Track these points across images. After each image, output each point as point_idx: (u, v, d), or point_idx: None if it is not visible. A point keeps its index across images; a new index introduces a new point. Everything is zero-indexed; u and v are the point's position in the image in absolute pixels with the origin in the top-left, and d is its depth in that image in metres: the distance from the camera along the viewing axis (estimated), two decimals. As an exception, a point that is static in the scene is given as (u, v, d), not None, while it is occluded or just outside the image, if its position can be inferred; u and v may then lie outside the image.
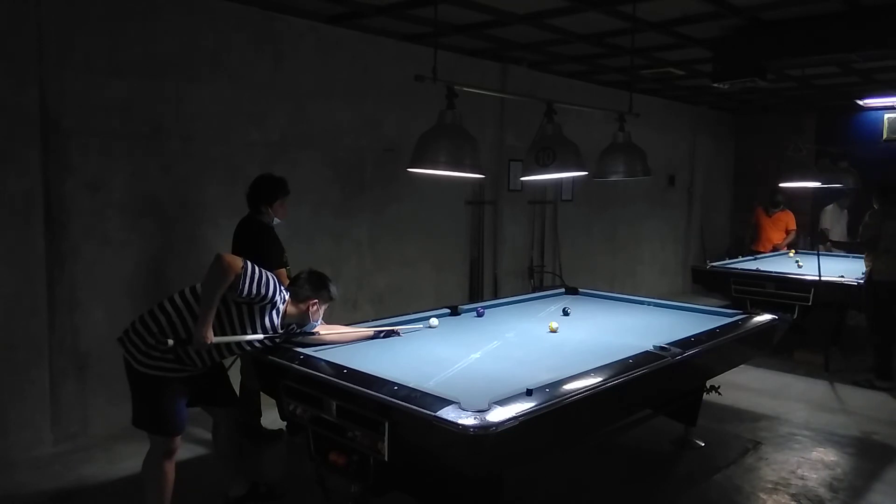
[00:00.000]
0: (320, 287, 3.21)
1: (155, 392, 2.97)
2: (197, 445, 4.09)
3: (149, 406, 3.01)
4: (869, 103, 8.65)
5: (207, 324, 2.87)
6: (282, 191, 3.99)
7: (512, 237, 7.13)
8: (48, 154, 4.01)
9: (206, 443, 4.01)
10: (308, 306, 3.17)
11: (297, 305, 3.16)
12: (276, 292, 3.01)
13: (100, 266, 4.30)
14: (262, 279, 2.94)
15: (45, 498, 3.54)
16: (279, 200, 3.98)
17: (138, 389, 3.01)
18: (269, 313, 3.05)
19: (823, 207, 8.39)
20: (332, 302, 3.29)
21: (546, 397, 2.50)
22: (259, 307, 3.01)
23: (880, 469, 4.00)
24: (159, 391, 2.97)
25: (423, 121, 3.46)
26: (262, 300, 2.97)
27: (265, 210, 3.95)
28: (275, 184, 3.97)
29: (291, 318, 3.18)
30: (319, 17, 5.22)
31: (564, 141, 3.64)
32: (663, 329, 3.81)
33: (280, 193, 3.98)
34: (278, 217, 4.02)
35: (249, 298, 2.94)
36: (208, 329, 2.87)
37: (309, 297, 3.17)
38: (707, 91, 8.31)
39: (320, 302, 3.21)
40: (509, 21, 5.25)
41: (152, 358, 2.93)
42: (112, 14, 4.23)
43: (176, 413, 3.03)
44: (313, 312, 3.20)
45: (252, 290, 2.91)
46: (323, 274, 3.28)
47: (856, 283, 5.78)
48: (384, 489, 2.81)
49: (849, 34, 4.91)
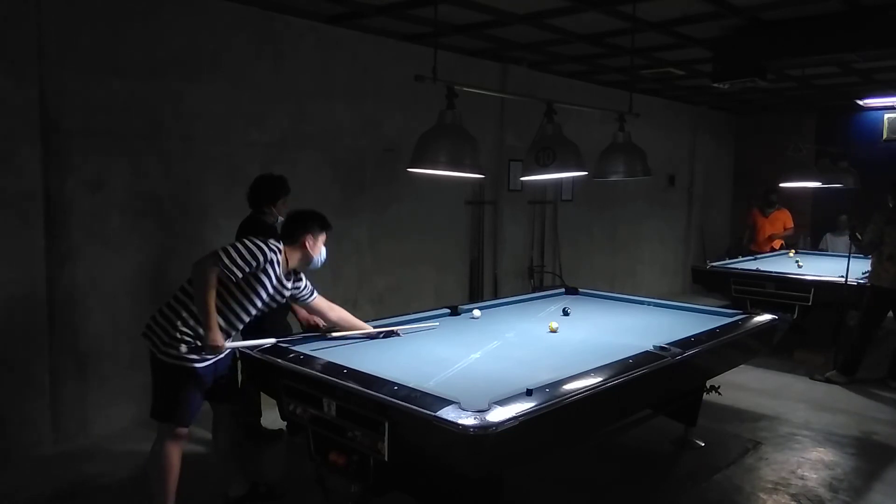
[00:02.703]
0: (307, 220, 3.24)
1: (174, 382, 3.04)
2: (197, 445, 4.09)
3: (166, 395, 3.08)
4: (869, 103, 8.65)
5: (213, 329, 2.92)
6: (283, 190, 4.01)
7: (512, 237, 7.13)
8: (48, 154, 4.01)
9: (206, 442, 4.01)
10: (303, 244, 3.19)
11: (294, 248, 3.20)
12: (265, 252, 3.03)
13: (100, 266, 4.30)
14: (243, 253, 2.99)
15: (45, 498, 3.54)
16: (281, 199, 4.00)
17: (159, 379, 3.09)
18: (268, 273, 3.07)
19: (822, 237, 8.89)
20: (329, 230, 3.30)
21: (546, 397, 2.50)
22: (255, 275, 3.04)
23: (880, 469, 4.00)
24: (179, 381, 3.04)
25: (423, 121, 3.46)
26: (258, 268, 3.02)
27: (268, 210, 3.96)
28: (276, 183, 3.99)
29: (295, 263, 3.21)
30: (319, 17, 5.22)
31: (564, 141, 3.64)
32: (663, 329, 3.81)
33: (281, 192, 4.00)
34: (281, 216, 3.99)
35: (247, 274, 3.00)
36: (216, 334, 2.93)
37: (302, 233, 3.19)
38: (707, 91, 8.31)
39: (314, 234, 3.23)
40: (509, 21, 5.25)
41: (174, 348, 3.00)
42: (112, 14, 4.23)
43: (190, 404, 3.08)
44: (311, 247, 3.21)
45: (243, 267, 2.97)
46: (307, 209, 3.30)
47: (856, 283, 5.79)
48: (384, 489, 2.81)
49: (849, 34, 4.91)
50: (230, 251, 2.97)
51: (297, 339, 3.41)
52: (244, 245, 3.03)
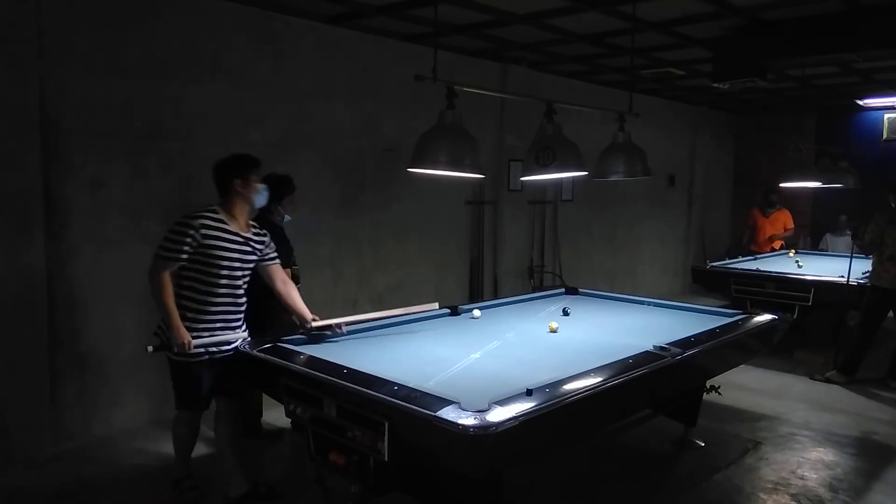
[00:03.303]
0: (229, 166, 3.29)
1: (181, 374, 3.28)
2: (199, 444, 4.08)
3: (176, 385, 3.33)
4: (869, 103, 8.65)
5: (176, 328, 3.10)
6: (288, 188, 4.03)
7: (512, 237, 7.13)
8: (48, 154, 4.01)
9: (208, 441, 4.01)
10: (235, 190, 3.25)
11: (231, 199, 3.27)
12: (189, 222, 3.10)
13: (100, 266, 4.30)
14: (171, 237, 3.10)
15: (45, 498, 3.54)
16: (287, 198, 4.02)
17: (171, 372, 3.31)
18: (215, 238, 3.14)
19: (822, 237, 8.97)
20: (256, 167, 3.32)
21: (546, 397, 2.50)
22: (203, 250, 3.12)
23: (880, 469, 4.00)
24: (184, 374, 3.26)
25: (423, 121, 3.46)
26: (195, 240, 3.09)
27: (275, 209, 3.97)
28: (281, 182, 3.99)
29: (242, 212, 3.29)
30: (319, 17, 5.22)
31: (564, 141, 3.64)
32: (663, 329, 3.81)
33: (287, 191, 4.02)
34: (287, 214, 4.06)
35: (193, 251, 3.10)
36: (180, 331, 3.09)
37: (227, 180, 3.26)
38: (707, 91, 8.31)
39: (241, 176, 3.26)
40: (509, 21, 5.25)
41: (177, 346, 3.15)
42: (112, 14, 4.23)
43: (198, 392, 3.30)
44: (244, 189, 3.26)
45: (181, 247, 3.08)
46: (228, 156, 3.34)
47: (856, 283, 5.79)
48: (384, 489, 2.80)
49: (849, 34, 4.91)
50: (162, 242, 3.13)
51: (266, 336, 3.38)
52: (170, 230, 3.15)
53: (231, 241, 3.21)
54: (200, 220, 3.14)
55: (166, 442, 4.19)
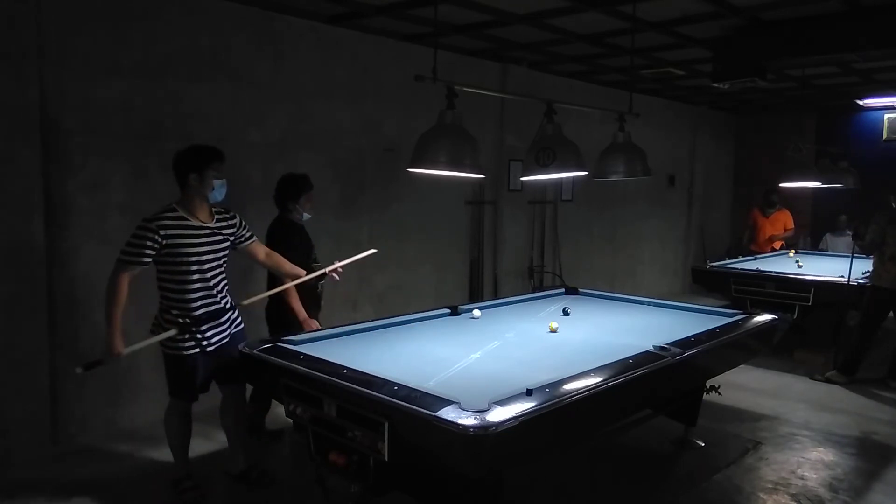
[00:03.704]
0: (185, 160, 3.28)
1: (173, 367, 3.37)
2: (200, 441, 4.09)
3: (169, 376, 3.41)
4: (869, 103, 8.65)
5: (109, 335, 3.14)
6: (305, 186, 4.11)
7: (512, 237, 7.13)
8: (48, 154, 4.01)
9: (207, 439, 4.01)
10: (189, 183, 3.27)
11: (189, 193, 3.29)
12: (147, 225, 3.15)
13: (100, 266, 4.27)
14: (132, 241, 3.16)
15: (45, 498, 3.54)
16: (304, 196, 4.11)
17: (165, 362, 3.39)
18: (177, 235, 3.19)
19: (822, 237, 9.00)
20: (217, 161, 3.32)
21: (546, 397, 2.50)
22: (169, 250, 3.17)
23: (880, 469, 4.00)
24: (177, 365, 3.34)
25: (423, 121, 3.46)
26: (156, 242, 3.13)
27: (293, 207, 4.09)
28: (297, 180, 4.10)
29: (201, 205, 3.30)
30: (319, 17, 5.22)
31: (564, 141, 3.64)
32: (663, 329, 3.81)
33: (304, 189, 4.11)
34: (306, 212, 4.15)
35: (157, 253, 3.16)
36: (112, 340, 3.14)
37: (184, 174, 3.27)
38: (707, 91, 8.31)
39: (196, 171, 3.25)
40: (509, 21, 5.25)
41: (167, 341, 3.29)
42: (112, 14, 4.23)
43: (191, 384, 3.37)
44: (200, 184, 3.26)
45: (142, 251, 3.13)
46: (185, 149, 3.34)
47: (856, 283, 5.79)
48: (384, 489, 2.81)
49: (849, 34, 4.91)
50: (124, 248, 3.18)
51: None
52: (132, 234, 3.19)
53: (195, 235, 3.25)
54: (158, 221, 3.18)
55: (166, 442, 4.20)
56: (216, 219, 3.38)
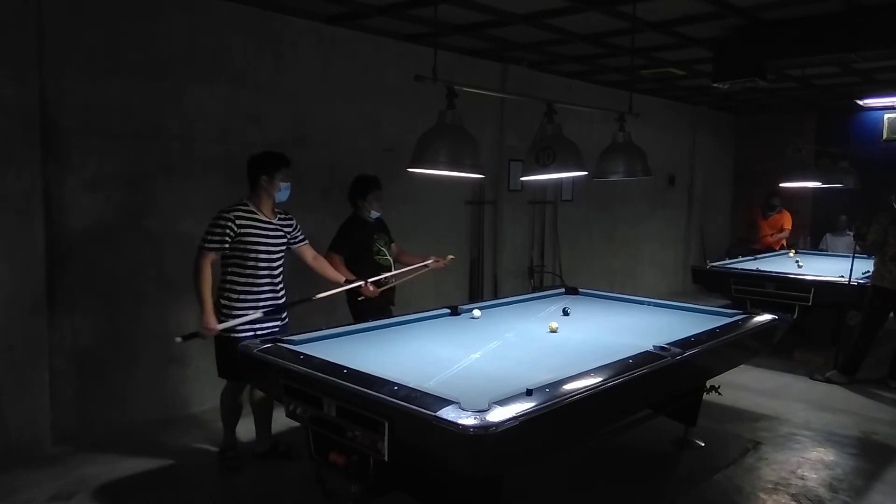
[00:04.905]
0: (259, 164, 3.64)
1: (224, 348, 3.61)
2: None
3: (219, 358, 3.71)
4: (869, 103, 8.64)
5: (205, 312, 3.49)
6: (372, 185, 4.41)
7: (512, 237, 7.13)
8: (48, 154, 4.01)
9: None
10: (261, 184, 3.64)
11: (259, 192, 3.67)
12: (225, 216, 3.53)
13: (100, 266, 4.30)
14: (211, 229, 3.53)
15: (45, 498, 3.54)
16: (371, 194, 4.40)
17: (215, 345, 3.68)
18: (249, 227, 3.57)
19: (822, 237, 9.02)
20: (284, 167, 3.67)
21: (546, 397, 2.50)
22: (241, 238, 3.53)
23: (880, 469, 4.00)
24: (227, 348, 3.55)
25: (423, 121, 3.46)
26: (231, 231, 3.51)
27: (361, 204, 4.42)
28: (364, 180, 4.42)
29: (268, 203, 3.68)
30: (319, 17, 5.22)
31: (564, 141, 3.64)
32: (663, 329, 3.81)
33: (370, 188, 4.40)
34: (374, 210, 4.44)
35: (233, 240, 3.52)
36: (209, 317, 3.48)
37: (255, 176, 3.64)
38: (707, 91, 8.31)
39: (267, 174, 3.63)
40: (509, 21, 5.25)
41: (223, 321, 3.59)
42: (112, 14, 4.23)
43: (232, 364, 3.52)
44: (270, 186, 3.65)
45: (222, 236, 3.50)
46: (261, 153, 3.72)
47: (856, 283, 5.78)
48: (384, 489, 2.81)
49: (849, 34, 4.91)
50: (205, 235, 3.55)
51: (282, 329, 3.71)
52: (210, 223, 3.57)
53: (263, 228, 3.64)
54: (235, 212, 3.57)
55: (166, 442, 4.21)
56: (278, 217, 3.76)
